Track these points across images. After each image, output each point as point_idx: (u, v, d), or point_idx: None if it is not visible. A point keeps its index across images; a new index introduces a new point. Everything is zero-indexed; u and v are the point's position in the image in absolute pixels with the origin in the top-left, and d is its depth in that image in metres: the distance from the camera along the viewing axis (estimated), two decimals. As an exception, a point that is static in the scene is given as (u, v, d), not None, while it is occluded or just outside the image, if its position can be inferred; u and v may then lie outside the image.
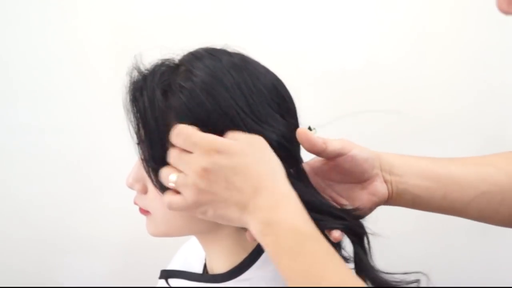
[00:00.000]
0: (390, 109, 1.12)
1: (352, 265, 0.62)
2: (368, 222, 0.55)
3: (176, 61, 0.53)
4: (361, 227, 0.53)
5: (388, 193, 0.53)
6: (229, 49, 0.54)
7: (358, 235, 0.52)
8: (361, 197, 0.54)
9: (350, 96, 1.12)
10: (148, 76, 0.51)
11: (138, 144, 0.53)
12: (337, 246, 0.62)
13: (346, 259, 0.62)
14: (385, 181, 0.53)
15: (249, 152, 0.44)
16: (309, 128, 0.55)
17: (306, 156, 0.56)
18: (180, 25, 1.08)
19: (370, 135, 1.11)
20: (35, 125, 1.13)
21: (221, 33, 1.06)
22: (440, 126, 1.13)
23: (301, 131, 0.51)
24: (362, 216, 0.54)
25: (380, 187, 0.53)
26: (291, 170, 0.51)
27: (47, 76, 1.11)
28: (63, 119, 1.13)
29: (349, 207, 0.54)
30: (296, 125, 0.55)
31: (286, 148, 0.51)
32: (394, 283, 0.51)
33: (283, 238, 0.42)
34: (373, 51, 1.10)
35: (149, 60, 0.54)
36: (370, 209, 0.55)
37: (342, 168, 0.53)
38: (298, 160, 0.54)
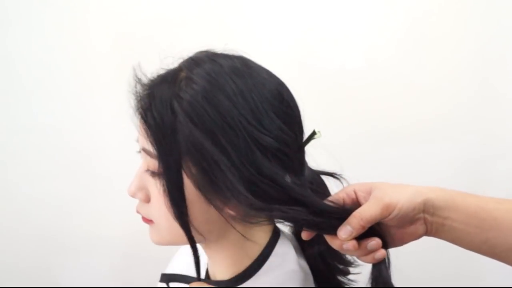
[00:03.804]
0: (390, 109, 1.11)
1: (357, 269, 0.62)
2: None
3: (178, 68, 0.52)
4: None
5: (427, 231, 0.52)
6: (230, 53, 0.53)
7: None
8: (397, 235, 0.53)
9: (350, 96, 1.11)
10: (154, 88, 0.50)
11: (140, 151, 0.52)
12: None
13: (350, 263, 0.62)
14: (425, 222, 0.52)
15: None
16: (314, 132, 0.54)
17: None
18: (180, 28, 1.07)
19: (369, 134, 1.11)
20: (35, 126, 1.12)
21: (220, 35, 1.05)
22: (440, 125, 1.12)
23: (330, 239, 0.51)
24: (392, 247, 0.53)
25: (419, 229, 0.52)
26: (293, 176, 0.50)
27: (47, 77, 1.10)
28: (63, 120, 1.12)
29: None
30: (300, 130, 0.54)
31: (288, 155, 0.50)
32: None
33: None
34: (373, 51, 1.09)
35: (149, 64, 0.53)
36: (404, 243, 0.54)
37: (386, 224, 0.52)
38: (302, 165, 0.53)
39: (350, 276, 0.63)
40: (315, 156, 0.57)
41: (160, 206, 0.51)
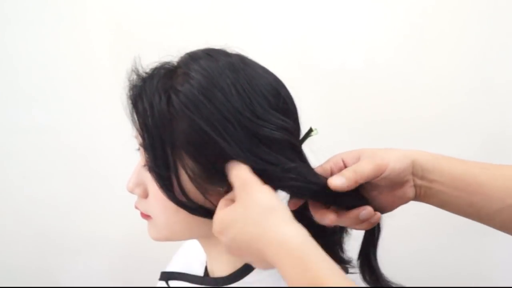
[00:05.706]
0: (389, 109, 1.12)
1: (355, 269, 0.62)
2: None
3: (175, 63, 0.52)
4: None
5: (416, 195, 0.54)
6: (228, 50, 0.54)
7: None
8: (387, 199, 0.54)
9: (350, 96, 1.11)
10: (147, 80, 0.50)
11: (139, 148, 0.53)
12: (339, 247, 0.62)
13: (346, 262, 0.62)
14: (415, 185, 0.53)
15: (242, 219, 0.45)
16: (311, 129, 0.55)
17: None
18: (180, 25, 1.08)
19: (369, 134, 1.11)
20: (35, 126, 1.12)
21: (220, 33, 1.06)
22: (440, 125, 1.12)
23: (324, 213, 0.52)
24: (382, 212, 0.54)
25: (408, 191, 0.53)
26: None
27: (46, 77, 1.10)
28: (62, 119, 1.12)
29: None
30: (296, 126, 0.54)
31: (289, 145, 0.51)
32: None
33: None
34: (373, 51, 1.09)
35: (147, 62, 0.54)
36: (394, 208, 0.55)
37: (376, 184, 0.52)
38: (302, 156, 0.53)
39: (348, 276, 0.63)
40: (314, 156, 0.57)
41: (157, 201, 0.52)
